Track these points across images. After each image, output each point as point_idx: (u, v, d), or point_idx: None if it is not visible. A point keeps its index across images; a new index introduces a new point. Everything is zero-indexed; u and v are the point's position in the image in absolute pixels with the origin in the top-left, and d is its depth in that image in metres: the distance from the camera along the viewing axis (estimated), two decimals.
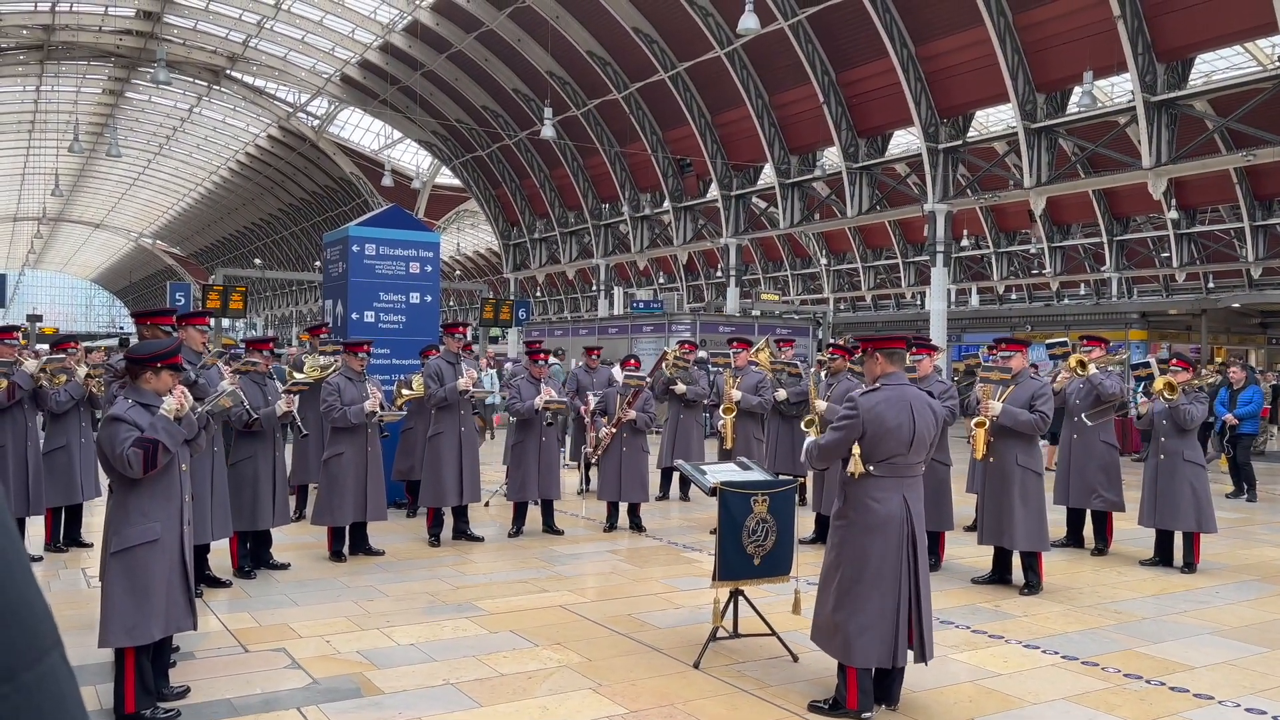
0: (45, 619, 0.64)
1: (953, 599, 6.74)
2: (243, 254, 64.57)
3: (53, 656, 0.62)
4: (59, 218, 73.43)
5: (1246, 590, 7.24)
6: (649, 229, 34.17)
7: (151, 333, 5.92)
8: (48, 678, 0.62)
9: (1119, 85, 25.56)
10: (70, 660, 0.66)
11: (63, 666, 0.63)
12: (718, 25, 25.51)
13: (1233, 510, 11.10)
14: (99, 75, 40.32)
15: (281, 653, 5.32)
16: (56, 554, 7.85)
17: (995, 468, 7.04)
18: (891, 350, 4.68)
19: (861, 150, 25.44)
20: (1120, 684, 5.05)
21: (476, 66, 32.94)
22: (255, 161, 51.51)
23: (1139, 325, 23.82)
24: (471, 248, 58.76)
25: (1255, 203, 28.18)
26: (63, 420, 7.70)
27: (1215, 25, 18.85)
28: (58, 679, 0.62)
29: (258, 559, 7.26)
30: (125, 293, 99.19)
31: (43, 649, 0.62)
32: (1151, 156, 19.44)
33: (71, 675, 0.64)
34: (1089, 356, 8.35)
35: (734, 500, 5.22)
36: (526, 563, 7.78)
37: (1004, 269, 36.18)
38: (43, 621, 0.63)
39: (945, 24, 21.89)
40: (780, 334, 19.27)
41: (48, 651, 0.62)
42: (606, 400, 9.16)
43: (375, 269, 10.35)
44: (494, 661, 5.22)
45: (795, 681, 4.98)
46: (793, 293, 42.22)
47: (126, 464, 4.22)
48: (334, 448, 7.68)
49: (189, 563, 4.52)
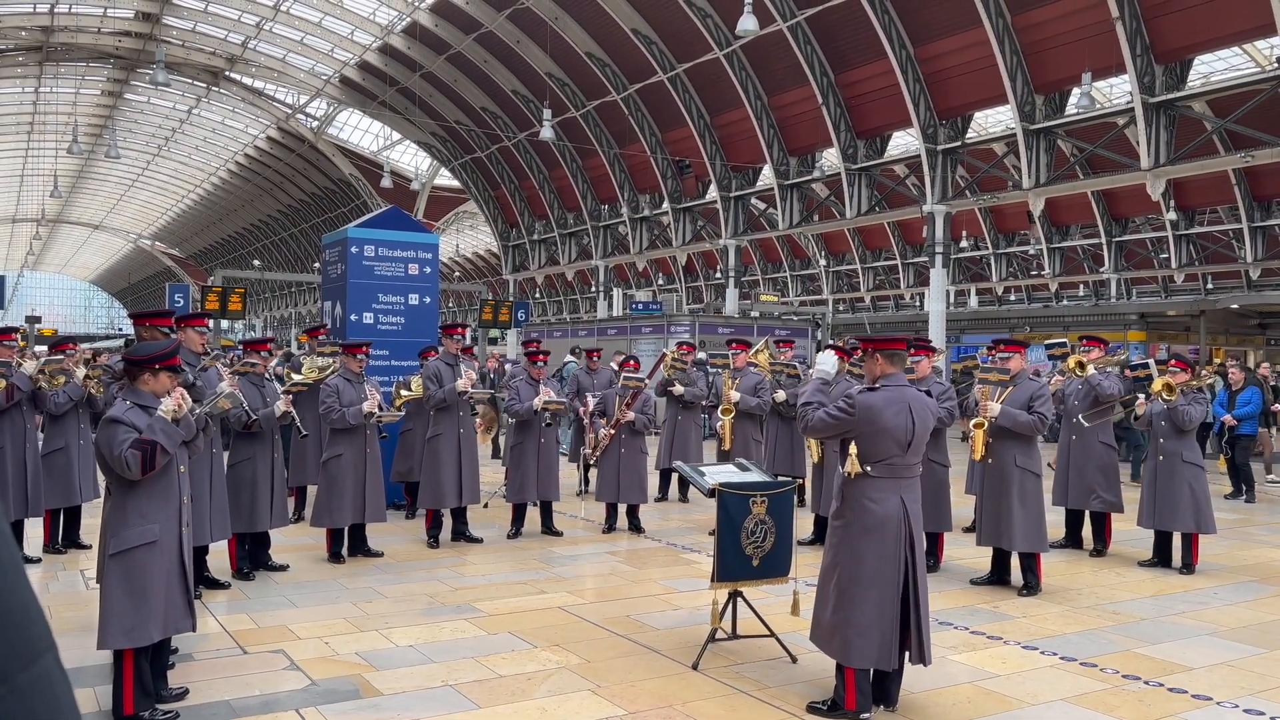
0: (39, 622, 0.64)
1: (951, 600, 6.74)
2: (242, 255, 64.57)
3: (47, 659, 0.63)
4: (58, 219, 73.40)
5: (1245, 591, 7.24)
6: (648, 230, 34.17)
7: (150, 334, 5.91)
8: (42, 680, 0.62)
9: (1117, 86, 25.59)
10: (69, 662, 0.67)
11: (57, 669, 0.63)
12: (716, 26, 25.52)
13: (1231, 511, 11.10)
14: (98, 76, 40.32)
15: (280, 654, 5.32)
16: (55, 556, 7.85)
17: (994, 469, 7.04)
18: (892, 351, 4.68)
19: (860, 151, 25.45)
20: (1119, 685, 5.05)
21: (475, 68, 32.95)
22: (254, 163, 51.50)
23: (1138, 326, 23.82)
24: (470, 249, 58.77)
25: (1254, 204, 28.21)
26: (61, 422, 7.69)
27: (1213, 26, 18.87)
28: (52, 681, 0.62)
29: (256, 560, 7.26)
30: (124, 294, 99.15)
31: (37, 651, 0.62)
32: (1150, 157, 19.45)
33: (65, 678, 0.64)
34: (1088, 357, 8.36)
35: (733, 501, 5.22)
36: (525, 564, 7.78)
37: (1003, 270, 36.20)
38: (37, 625, 0.64)
39: (944, 25, 21.90)
40: (779, 335, 19.26)
41: (42, 654, 0.62)
42: (605, 401, 9.16)
43: (374, 270, 10.35)
44: (492, 663, 5.22)
45: (794, 683, 4.99)
46: (792, 294, 42.23)
47: (125, 465, 4.22)
48: (333, 449, 7.67)
49: (188, 564, 4.52)
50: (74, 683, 2.89)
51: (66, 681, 0.65)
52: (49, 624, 0.65)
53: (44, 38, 33.82)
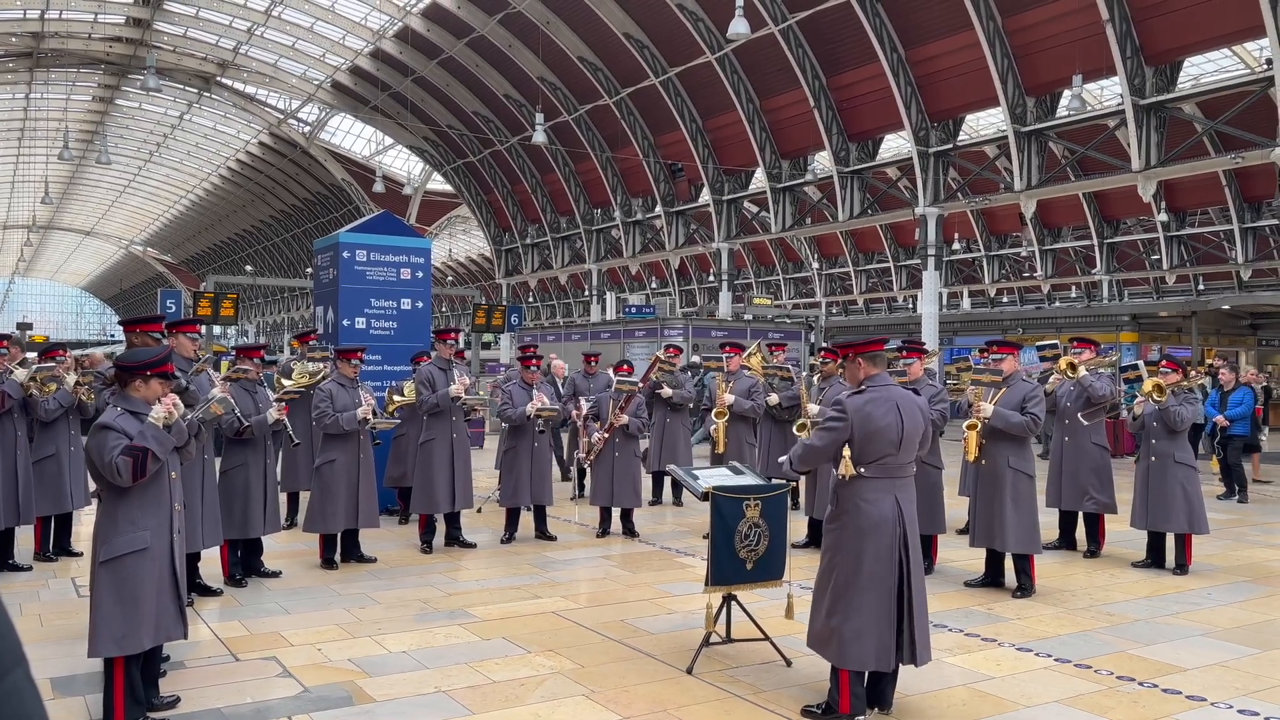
0: (9, 637, 0.63)
1: (946, 602, 6.74)
2: (234, 261, 64.46)
3: (15, 675, 0.61)
4: (49, 225, 73.20)
5: (1238, 591, 7.25)
6: (641, 234, 34.19)
7: (141, 340, 5.88)
8: (11, 695, 0.61)
9: (1108, 88, 25.69)
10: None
11: (27, 684, 0.62)
12: (708, 30, 25.56)
13: (1224, 511, 11.13)
14: (89, 82, 40.23)
15: (273, 661, 5.29)
16: (46, 563, 7.80)
17: (987, 470, 7.05)
18: (872, 353, 4.69)
19: (852, 154, 25.50)
20: (1113, 686, 5.05)
21: (467, 72, 32.95)
22: (246, 168, 51.43)
23: (1130, 328, 23.90)
24: (463, 253, 58.75)
25: (1244, 205, 28.32)
26: (52, 429, 7.65)
27: (1203, 28, 18.95)
28: (22, 696, 0.61)
29: (249, 567, 7.23)
30: (116, 300, 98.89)
31: (5, 667, 0.61)
32: (1141, 159, 19.52)
33: (35, 691, 0.63)
34: (1079, 359, 8.37)
35: (726, 505, 5.21)
36: (519, 569, 7.76)
37: (995, 272, 36.29)
38: (6, 639, 0.62)
39: (935, 28, 21.96)
40: (772, 338, 19.28)
41: (10, 670, 0.61)
42: (599, 405, 9.16)
43: (366, 275, 10.33)
44: (486, 668, 5.20)
45: (788, 686, 4.98)
46: (785, 296, 42.28)
47: (115, 472, 4.19)
48: (326, 454, 7.65)
49: (180, 571, 4.50)
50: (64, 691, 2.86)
51: (37, 697, 0.64)
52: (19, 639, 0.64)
53: (34, 44, 33.74)
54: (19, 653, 0.63)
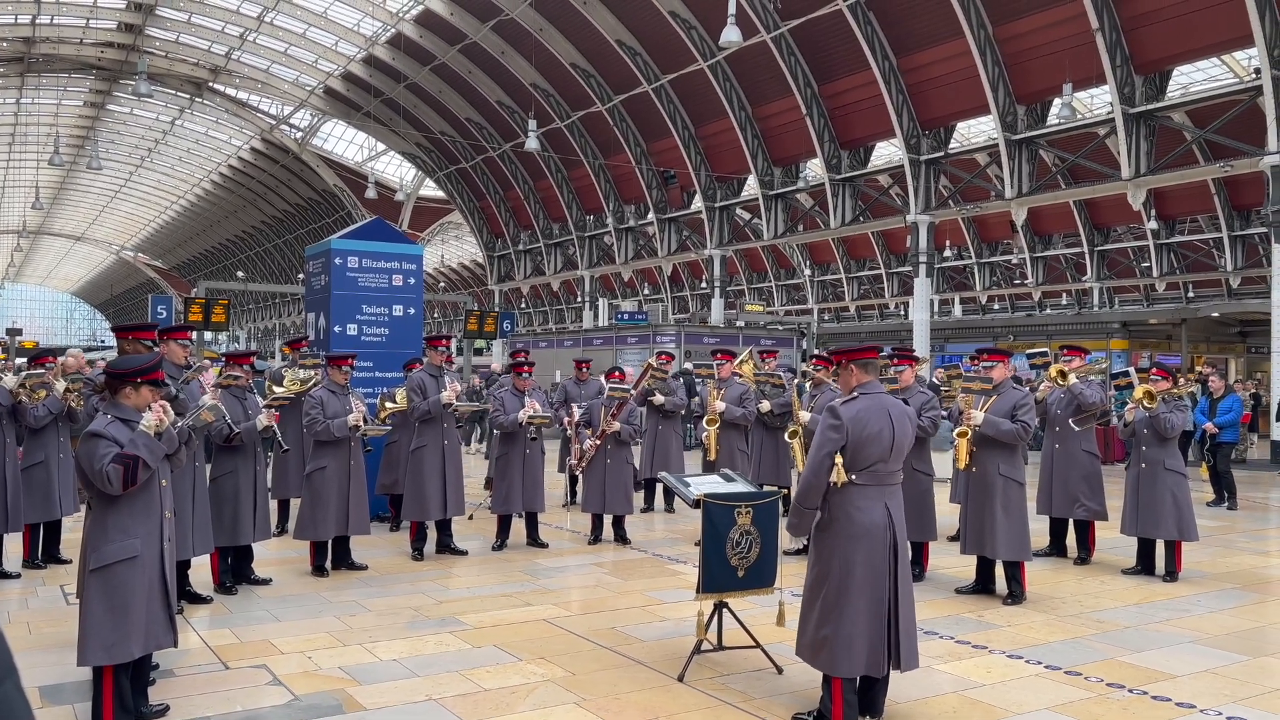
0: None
1: (936, 609, 6.75)
2: (225, 267, 64.31)
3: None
4: (39, 231, 72.97)
5: (1228, 598, 7.28)
6: (633, 240, 34.23)
7: (133, 347, 5.86)
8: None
9: (1098, 97, 25.83)
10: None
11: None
12: (700, 38, 25.63)
13: (1214, 518, 11.17)
14: (80, 88, 40.15)
15: (263, 669, 5.28)
16: (34, 571, 7.76)
17: (978, 478, 7.06)
18: (865, 360, 4.70)
19: (844, 162, 25.59)
20: (1103, 693, 5.07)
21: (460, 79, 32.97)
22: (238, 174, 51.35)
23: (1120, 335, 24.00)
24: (456, 260, 58.71)
25: (1233, 213, 28.48)
26: (41, 435, 7.63)
27: (1192, 38, 19.08)
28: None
29: (239, 574, 7.20)
30: (107, 306, 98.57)
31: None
32: (1130, 167, 19.63)
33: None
34: (1069, 366, 8.40)
35: (717, 512, 5.22)
36: (510, 576, 7.75)
37: (986, 279, 36.42)
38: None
39: (926, 36, 22.07)
40: (764, 345, 19.30)
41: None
42: (591, 412, 9.15)
43: (358, 282, 10.32)
44: (477, 676, 5.19)
45: (779, 694, 4.98)
46: (777, 303, 42.35)
47: (106, 480, 4.18)
48: (316, 461, 7.63)
49: (170, 579, 4.48)
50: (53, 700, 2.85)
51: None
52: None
53: (25, 49, 33.67)
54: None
